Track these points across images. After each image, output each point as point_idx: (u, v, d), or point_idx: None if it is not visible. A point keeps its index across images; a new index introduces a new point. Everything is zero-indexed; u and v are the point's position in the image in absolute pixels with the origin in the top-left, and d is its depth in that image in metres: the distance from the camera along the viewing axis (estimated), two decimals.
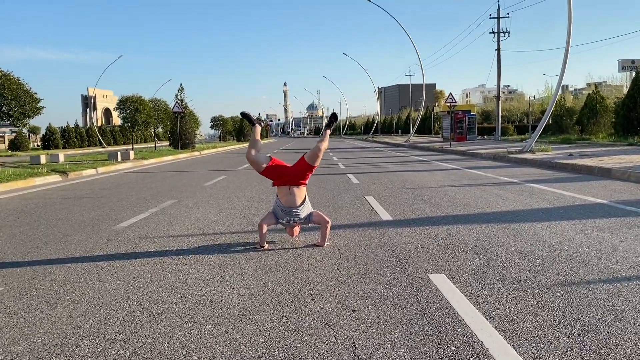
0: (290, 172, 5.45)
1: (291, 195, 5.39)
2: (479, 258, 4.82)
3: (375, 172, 15.10)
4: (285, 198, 5.42)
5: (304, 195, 5.49)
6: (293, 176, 5.42)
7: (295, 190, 5.41)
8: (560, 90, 63.24)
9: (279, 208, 5.46)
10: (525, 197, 8.76)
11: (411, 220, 6.91)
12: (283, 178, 5.42)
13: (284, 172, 5.46)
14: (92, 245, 5.81)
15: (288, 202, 5.41)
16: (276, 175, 5.47)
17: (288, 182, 5.41)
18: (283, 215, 5.43)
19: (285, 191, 5.41)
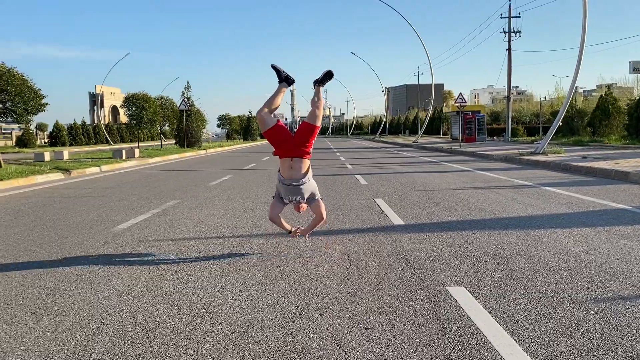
0: (292, 141, 4.95)
1: (292, 169, 4.91)
2: (501, 268, 4.47)
3: (384, 173, 14.75)
4: (286, 171, 4.95)
5: (305, 167, 4.98)
6: (294, 145, 4.91)
7: (297, 163, 4.91)
8: (575, 91, 62.68)
9: (281, 183, 5.01)
10: (542, 201, 8.38)
11: (424, 225, 6.57)
12: (284, 146, 4.93)
13: (286, 138, 4.96)
14: (88, 248, 5.50)
15: (289, 175, 4.94)
16: (278, 140, 4.96)
17: (289, 152, 4.92)
18: (285, 193, 5.01)
19: (287, 164, 4.93)
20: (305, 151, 4.94)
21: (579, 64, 18.68)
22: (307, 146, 4.96)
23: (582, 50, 18.44)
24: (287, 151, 4.93)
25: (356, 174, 14.47)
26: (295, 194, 5.01)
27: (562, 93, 58.40)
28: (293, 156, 4.92)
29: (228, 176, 14.42)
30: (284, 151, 4.94)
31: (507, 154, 20.38)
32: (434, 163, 18.67)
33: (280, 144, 4.96)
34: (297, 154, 4.91)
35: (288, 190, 5.01)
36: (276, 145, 4.99)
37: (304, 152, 4.93)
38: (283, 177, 5.02)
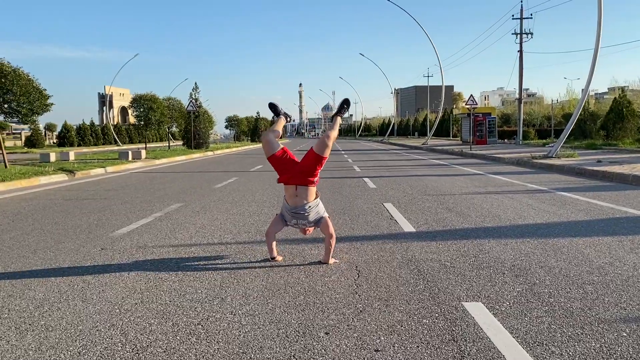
0: (297, 167, 4.75)
1: (297, 197, 4.72)
2: (520, 282, 4.17)
3: (393, 176, 14.44)
4: (291, 199, 4.77)
5: (312, 195, 4.76)
6: (299, 172, 4.71)
7: (302, 191, 4.72)
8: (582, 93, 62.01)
9: (286, 210, 4.84)
10: (558, 207, 8.06)
11: (436, 232, 6.27)
12: (288, 173, 4.74)
13: (290, 166, 4.78)
14: (84, 255, 5.26)
15: (295, 203, 4.75)
16: (282, 167, 4.79)
17: (293, 179, 4.72)
18: (290, 218, 4.82)
19: (292, 192, 4.74)
20: (311, 180, 4.75)
21: (593, 65, 18.29)
22: (313, 175, 4.77)
23: (597, 52, 18.05)
24: (291, 178, 4.73)
25: (364, 177, 14.18)
26: (301, 219, 4.80)
27: (574, 95, 57.93)
28: (298, 184, 4.72)
29: (234, 178, 14.18)
30: (288, 177, 4.75)
31: (519, 157, 20.00)
32: (444, 166, 18.33)
33: (284, 170, 4.79)
34: (302, 182, 4.72)
35: (293, 216, 4.81)
36: (280, 172, 4.82)
37: (308, 181, 4.74)
38: (288, 204, 4.82)
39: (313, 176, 4.75)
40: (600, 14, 17.70)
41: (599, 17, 17.75)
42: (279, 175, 4.84)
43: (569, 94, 58.52)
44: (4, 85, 15.10)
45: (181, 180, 13.68)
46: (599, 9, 17.68)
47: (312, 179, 4.74)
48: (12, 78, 15.06)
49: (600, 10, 17.66)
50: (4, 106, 15.54)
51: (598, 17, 17.76)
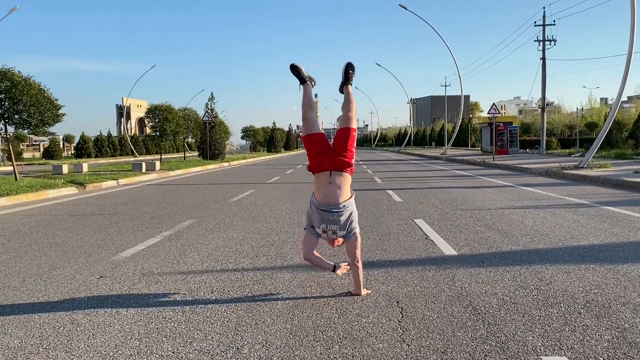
0: (331, 150, 4.12)
1: (331, 185, 4.04)
2: (605, 325, 3.36)
3: (417, 188, 13.63)
4: (322, 190, 4.07)
5: (347, 187, 4.11)
6: (333, 152, 4.08)
7: (337, 178, 4.06)
8: (602, 103, 60.59)
9: (315, 209, 4.10)
10: (611, 225, 7.20)
11: (482, 256, 5.47)
12: (322, 155, 4.10)
13: (325, 147, 4.14)
14: (79, 284, 4.56)
15: (326, 197, 4.04)
16: (316, 148, 4.14)
17: (326, 162, 4.07)
18: (319, 222, 4.09)
19: (324, 180, 4.08)
20: (346, 161, 4.08)
21: (626, 75, 17.40)
22: (348, 155, 4.09)
23: (630, 61, 17.15)
24: (324, 161, 4.07)
25: (387, 189, 13.39)
26: (331, 223, 4.05)
27: (596, 104, 56.57)
28: (332, 168, 4.05)
29: (250, 191, 13.48)
30: (321, 161, 4.09)
31: (548, 167, 19.05)
32: (469, 177, 17.46)
33: (317, 152, 4.13)
34: (337, 164, 4.06)
35: (323, 217, 4.05)
36: (312, 155, 4.16)
37: (344, 162, 4.07)
38: (318, 201, 4.09)
39: (347, 157, 4.09)
40: (633, 21, 16.79)
41: (632, 26, 16.84)
42: (310, 160, 4.18)
43: (591, 102, 57.22)
44: (14, 95, 14.65)
45: (195, 193, 13.02)
46: (632, 18, 16.78)
47: (348, 160, 4.09)
48: (23, 87, 14.60)
49: (633, 18, 16.75)
50: (15, 117, 15.08)
51: (631, 25, 16.85)
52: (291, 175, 20.49)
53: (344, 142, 4.10)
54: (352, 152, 4.15)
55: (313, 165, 4.16)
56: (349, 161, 4.11)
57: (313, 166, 4.16)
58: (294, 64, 4.46)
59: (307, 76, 4.51)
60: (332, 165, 4.06)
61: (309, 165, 4.22)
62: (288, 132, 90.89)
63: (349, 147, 4.11)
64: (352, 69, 4.50)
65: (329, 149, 4.15)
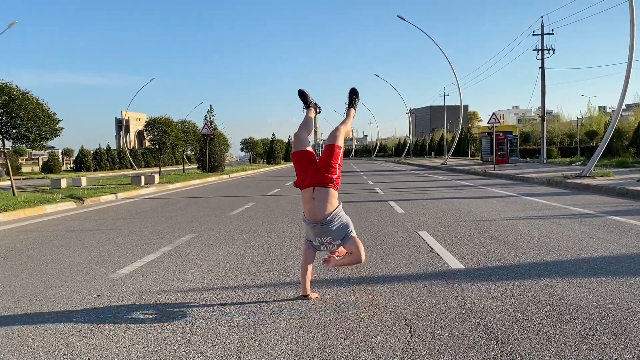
0: (313, 166, 4.22)
1: (315, 200, 4.11)
2: (623, 343, 3.22)
3: (419, 199, 13.49)
4: (308, 206, 4.16)
5: (332, 201, 4.14)
6: (316, 170, 4.17)
7: (320, 193, 4.12)
8: (601, 111, 60.66)
9: (307, 225, 4.24)
10: (618, 235, 7.07)
11: (490, 269, 5.32)
12: (306, 172, 4.22)
13: (309, 165, 4.24)
14: (76, 304, 4.42)
15: (312, 213, 4.13)
16: (302, 166, 4.28)
17: (309, 179, 4.17)
18: (314, 237, 4.20)
19: (308, 196, 4.17)
20: (329, 177, 4.15)
21: (626, 84, 17.29)
22: (331, 171, 4.16)
23: (630, 71, 17.08)
24: (307, 178, 4.20)
25: (389, 200, 13.25)
26: (324, 235, 4.13)
27: (595, 113, 56.62)
28: (314, 184, 4.14)
29: (251, 204, 13.35)
30: (303, 177, 4.23)
31: (549, 176, 18.93)
32: (471, 187, 17.33)
33: (302, 169, 4.28)
34: (320, 180, 4.14)
35: (315, 231, 4.14)
36: (298, 170, 4.32)
37: (326, 178, 4.14)
38: (307, 218, 4.17)
39: (330, 172, 4.15)
40: (632, 31, 16.77)
41: (631, 36, 16.82)
42: (297, 175, 4.34)
43: (590, 111, 57.29)
44: (12, 109, 14.56)
45: (194, 207, 12.88)
46: (631, 28, 16.76)
47: (330, 176, 4.15)
48: (20, 102, 14.51)
49: (632, 28, 16.74)
50: (12, 131, 14.98)
51: (630, 35, 16.84)
52: (292, 187, 20.35)
53: (328, 159, 4.19)
54: (335, 168, 4.20)
55: (298, 181, 4.30)
56: (332, 177, 4.16)
57: (298, 182, 4.30)
58: (302, 90, 4.76)
59: (312, 102, 4.79)
60: (315, 182, 4.15)
61: (296, 181, 4.36)
62: (287, 143, 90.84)
63: (333, 164, 4.18)
64: (356, 94, 4.75)
65: (314, 165, 4.23)
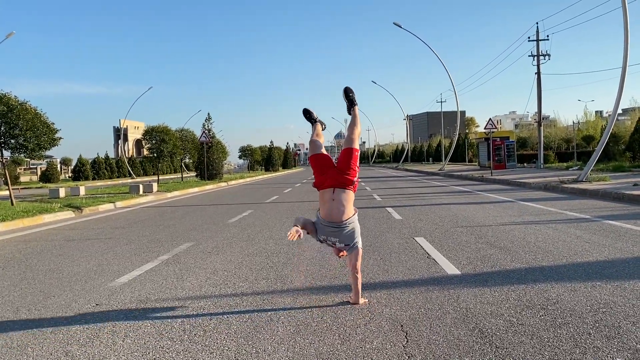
0: (333, 168, 4.38)
1: (334, 202, 4.25)
2: (616, 346, 3.27)
3: (417, 205, 13.54)
4: (326, 206, 4.28)
5: (350, 204, 4.31)
6: (336, 171, 4.31)
7: (340, 194, 4.27)
8: (598, 115, 60.89)
9: (319, 222, 4.37)
10: (613, 240, 7.12)
11: (485, 275, 5.37)
12: (326, 173, 4.34)
13: (329, 165, 4.41)
14: (75, 313, 4.45)
15: (330, 214, 4.26)
16: (320, 166, 4.42)
17: (330, 180, 4.29)
18: (321, 232, 4.36)
19: (327, 196, 4.29)
20: (349, 179, 4.30)
21: (621, 89, 17.41)
22: (350, 173, 4.32)
23: (624, 76, 17.20)
24: (327, 179, 4.31)
25: (387, 206, 13.30)
26: (332, 236, 4.31)
27: (591, 118, 56.84)
28: (335, 186, 4.28)
29: (249, 211, 13.39)
30: (325, 179, 4.33)
31: (546, 181, 19.01)
32: (468, 193, 17.40)
33: (322, 170, 4.41)
34: (340, 182, 4.28)
35: (326, 230, 4.31)
36: (318, 172, 4.44)
37: (347, 180, 4.29)
38: (322, 217, 4.28)
39: (350, 175, 4.31)
40: (626, 37, 16.91)
41: (625, 41, 16.96)
42: (316, 177, 4.45)
43: (587, 115, 57.50)
44: (10, 119, 14.62)
45: (193, 215, 12.91)
46: (625, 34, 16.91)
47: (350, 178, 4.31)
48: (19, 112, 14.57)
49: (626, 33, 16.88)
50: (11, 141, 15.02)
51: (624, 41, 16.98)
52: (290, 194, 20.40)
53: (347, 161, 4.32)
54: (354, 170, 4.34)
55: (318, 182, 4.39)
56: (352, 179, 4.30)
57: (318, 183, 4.39)
58: (306, 109, 5.02)
59: (317, 119, 5.01)
60: (335, 183, 4.27)
61: (314, 182, 4.45)
62: (286, 150, 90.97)
63: (352, 166, 4.32)
64: (351, 91, 4.80)
65: (333, 167, 4.38)
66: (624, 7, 16.90)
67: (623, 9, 16.93)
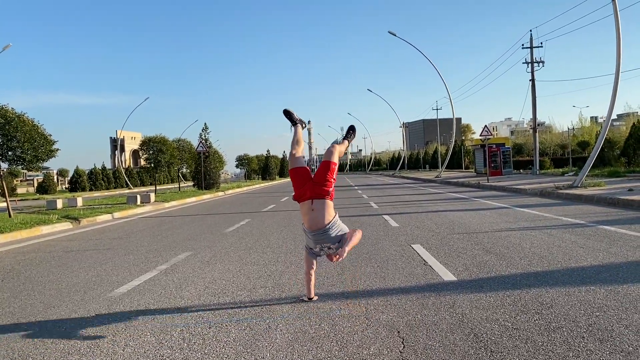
0: (310, 181, 4.67)
1: (313, 211, 4.53)
2: (608, 349, 3.33)
3: (413, 212, 13.62)
4: (307, 217, 4.56)
5: (329, 211, 4.58)
6: (313, 184, 4.60)
7: (318, 205, 4.54)
8: (593, 121, 61.28)
9: (307, 235, 4.64)
10: (608, 245, 7.20)
11: (481, 281, 5.43)
12: (305, 186, 4.62)
13: (306, 180, 4.68)
14: (75, 324, 4.49)
15: (312, 223, 4.53)
16: (299, 181, 4.69)
17: (308, 192, 4.58)
18: (314, 244, 4.61)
19: (307, 207, 4.57)
20: (325, 190, 4.58)
21: (614, 95, 17.56)
22: (326, 184, 4.60)
23: (618, 81, 17.35)
24: (306, 192, 4.59)
25: (383, 214, 13.37)
26: (324, 242, 4.55)
27: (586, 123, 57.19)
28: (312, 197, 4.55)
29: (246, 220, 13.43)
30: (303, 192, 4.61)
31: (542, 187, 19.12)
32: (465, 200, 17.48)
33: (300, 183, 4.67)
34: (317, 193, 4.56)
35: (315, 239, 4.57)
36: (297, 186, 4.70)
37: (323, 191, 4.57)
38: (307, 229, 4.54)
39: (326, 186, 4.59)
40: (619, 44, 17.10)
41: (617, 49, 17.15)
42: (295, 190, 4.70)
43: (582, 121, 57.86)
44: (8, 132, 14.66)
45: (190, 225, 12.96)
46: (617, 41, 17.10)
47: (327, 188, 4.58)
48: (16, 124, 14.62)
49: (619, 41, 17.07)
50: (8, 153, 15.06)
51: (617, 48, 17.16)
52: (287, 203, 20.45)
53: (324, 173, 4.63)
54: (330, 182, 4.64)
55: (297, 195, 4.65)
56: (328, 189, 4.58)
57: (297, 196, 4.65)
58: (286, 109, 5.23)
59: (297, 119, 5.24)
60: (313, 194, 4.55)
61: (294, 195, 4.69)
62: (282, 159, 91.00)
63: (329, 178, 4.62)
64: (353, 130, 5.36)
65: (311, 179, 4.66)
66: (616, 14, 17.10)
67: (615, 16, 17.14)
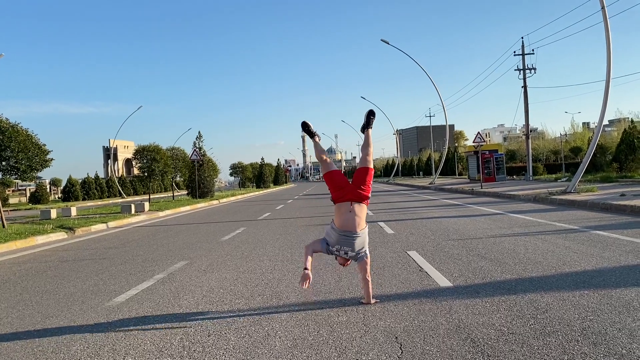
0: (350, 184, 4.92)
1: (351, 213, 4.74)
2: (603, 352, 3.39)
3: (408, 219, 13.68)
4: (343, 217, 4.73)
5: (364, 217, 4.84)
6: (354, 186, 4.85)
7: (357, 208, 4.78)
8: (585, 127, 61.83)
9: (334, 232, 4.78)
10: (601, 249, 7.28)
11: (477, 286, 5.49)
12: (344, 189, 4.86)
13: (344, 183, 4.94)
14: (74, 333, 4.50)
15: (346, 224, 4.72)
16: (337, 183, 4.93)
17: (348, 194, 4.81)
18: (335, 242, 4.76)
19: (345, 209, 4.76)
20: (365, 194, 4.85)
21: (605, 101, 17.79)
22: (366, 188, 4.87)
23: (608, 87, 17.58)
24: (346, 194, 4.81)
25: (379, 221, 13.43)
26: (346, 245, 4.74)
27: (579, 129, 57.68)
28: (353, 200, 4.78)
29: (242, 228, 13.45)
30: (344, 193, 4.83)
31: (536, 193, 19.25)
32: (459, 206, 17.58)
33: (339, 186, 4.90)
34: (357, 196, 4.80)
35: (340, 239, 4.73)
36: (334, 188, 4.91)
37: (363, 195, 4.83)
38: (337, 227, 4.75)
39: (366, 190, 4.84)
40: (609, 51, 17.33)
41: (607, 55, 17.38)
42: (333, 192, 4.90)
43: (574, 127, 58.36)
44: (1, 142, 14.64)
45: (186, 234, 12.96)
46: (607, 47, 17.32)
47: (366, 193, 4.84)
48: (10, 134, 14.60)
49: (609, 48, 17.30)
50: (2, 163, 15.03)
51: (607, 55, 17.39)
52: (282, 210, 20.47)
53: (363, 178, 4.90)
54: (369, 187, 4.90)
55: (336, 196, 4.86)
56: (367, 194, 4.86)
57: (336, 197, 4.85)
58: (305, 122, 5.35)
59: (314, 131, 5.43)
60: (354, 197, 4.79)
61: (332, 196, 4.91)
62: (277, 167, 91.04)
63: (367, 183, 4.90)
64: (373, 114, 5.37)
65: (349, 183, 4.91)
66: (606, 22, 17.34)
67: (605, 24, 17.37)
